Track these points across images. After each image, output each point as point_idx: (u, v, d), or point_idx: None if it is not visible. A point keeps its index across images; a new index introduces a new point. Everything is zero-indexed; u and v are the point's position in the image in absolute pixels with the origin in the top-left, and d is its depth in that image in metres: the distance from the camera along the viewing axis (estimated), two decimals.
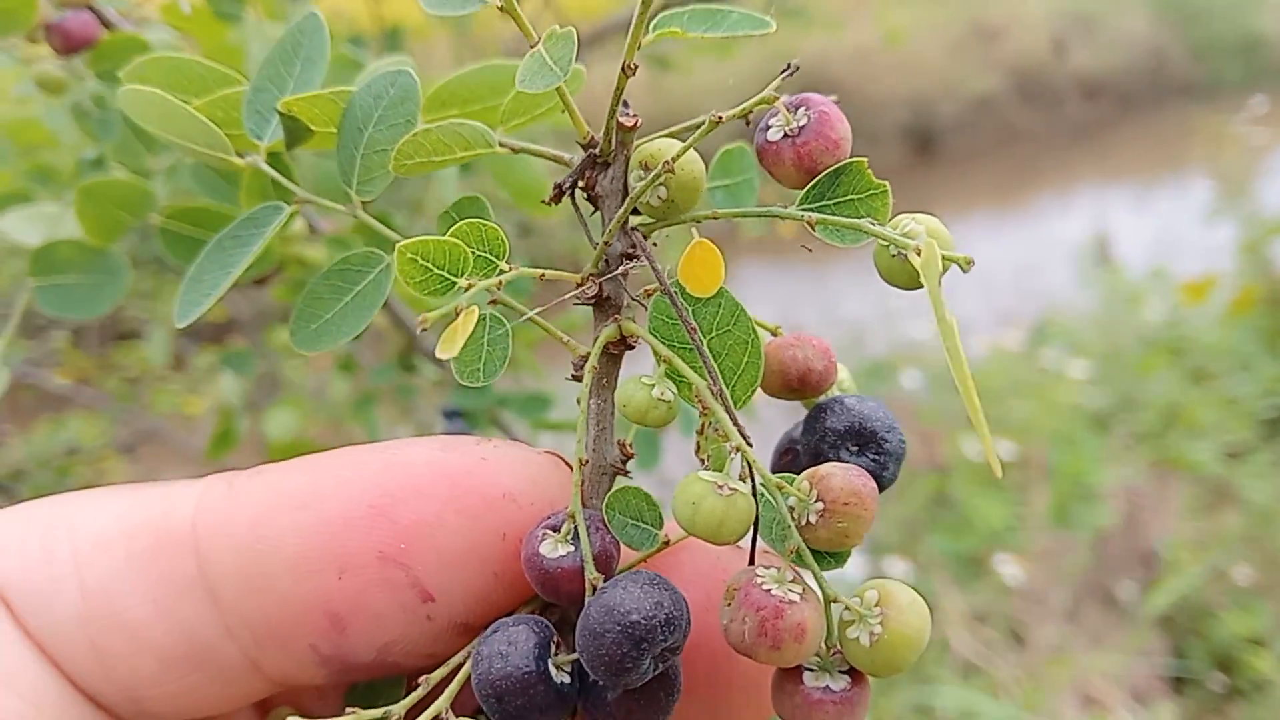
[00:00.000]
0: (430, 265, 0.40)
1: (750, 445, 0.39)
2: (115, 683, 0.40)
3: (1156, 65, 8.26)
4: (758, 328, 0.41)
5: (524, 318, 0.43)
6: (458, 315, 0.40)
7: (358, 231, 0.84)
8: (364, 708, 0.40)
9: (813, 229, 0.39)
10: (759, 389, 0.41)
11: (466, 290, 0.41)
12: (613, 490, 0.42)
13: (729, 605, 0.37)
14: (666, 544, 0.42)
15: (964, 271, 0.36)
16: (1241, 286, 4.30)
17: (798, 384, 0.43)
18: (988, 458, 0.33)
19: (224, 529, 0.40)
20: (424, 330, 0.39)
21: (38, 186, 1.11)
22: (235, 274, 0.50)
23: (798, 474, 0.39)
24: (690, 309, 0.41)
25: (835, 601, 0.38)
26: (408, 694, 0.41)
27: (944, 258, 0.36)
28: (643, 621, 0.36)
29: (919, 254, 0.36)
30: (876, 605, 0.37)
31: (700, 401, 0.40)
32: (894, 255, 0.38)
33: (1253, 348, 3.90)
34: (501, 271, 0.42)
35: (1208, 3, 8.84)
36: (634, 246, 0.43)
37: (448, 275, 0.40)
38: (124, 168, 0.81)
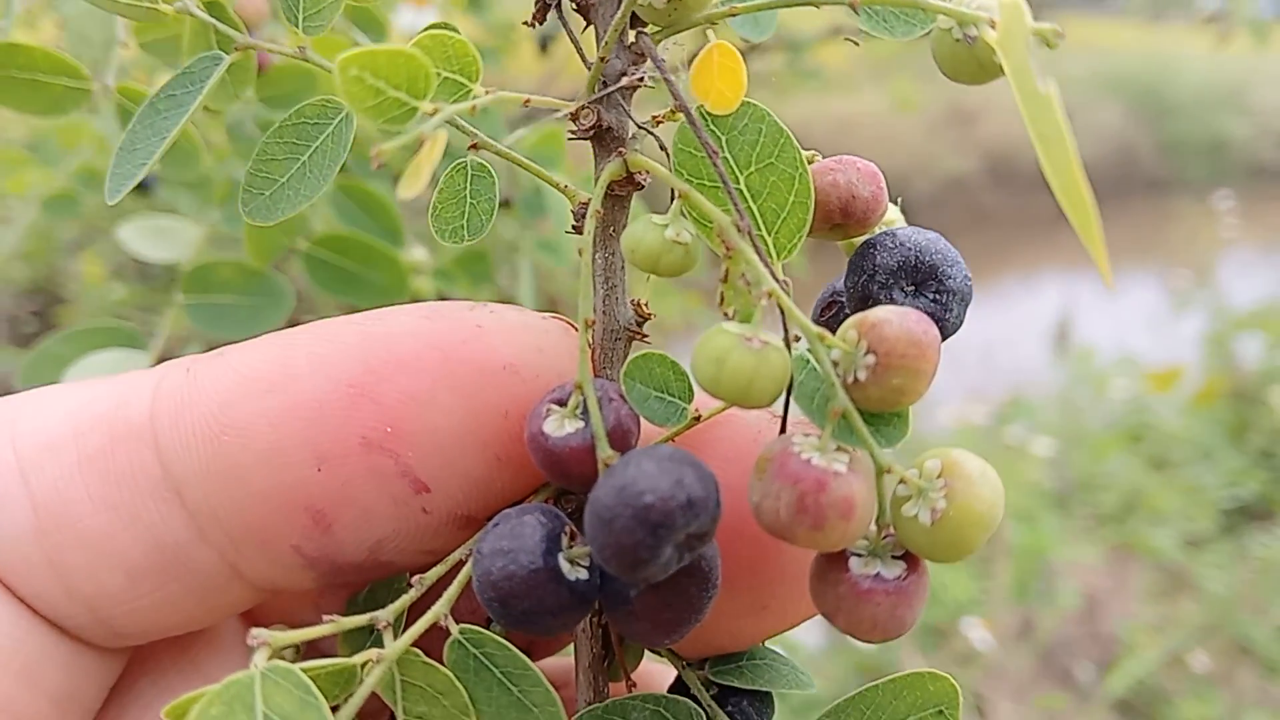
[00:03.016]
0: (383, 85, 0.32)
1: (787, 290, 0.32)
2: (80, 602, 0.35)
3: (1126, 159, 8.46)
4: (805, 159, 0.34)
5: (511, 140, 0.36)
6: (421, 146, 0.33)
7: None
8: None
9: (856, 11, 0.33)
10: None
11: (432, 116, 0.33)
12: (632, 356, 0.35)
13: (760, 479, 0.30)
14: (697, 419, 0.35)
15: (1051, 47, 0.29)
16: (1206, 379, 4.32)
17: (839, 216, 0.35)
18: (1098, 265, 0.26)
19: (185, 420, 0.35)
20: (379, 167, 0.32)
21: (83, 189, 1.16)
22: (170, 137, 0.44)
23: None
24: (724, 139, 0.34)
25: (889, 472, 0.30)
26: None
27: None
28: (658, 504, 0.29)
29: (994, 27, 0.29)
30: (939, 476, 0.30)
31: (724, 241, 0.32)
32: (958, 39, 0.31)
33: (1215, 439, 3.91)
34: (475, 95, 0.35)
35: (1178, 102, 9.12)
36: (637, 60, 0.36)
37: (407, 99, 0.32)
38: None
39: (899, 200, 0.38)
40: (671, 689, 0.41)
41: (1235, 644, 3.10)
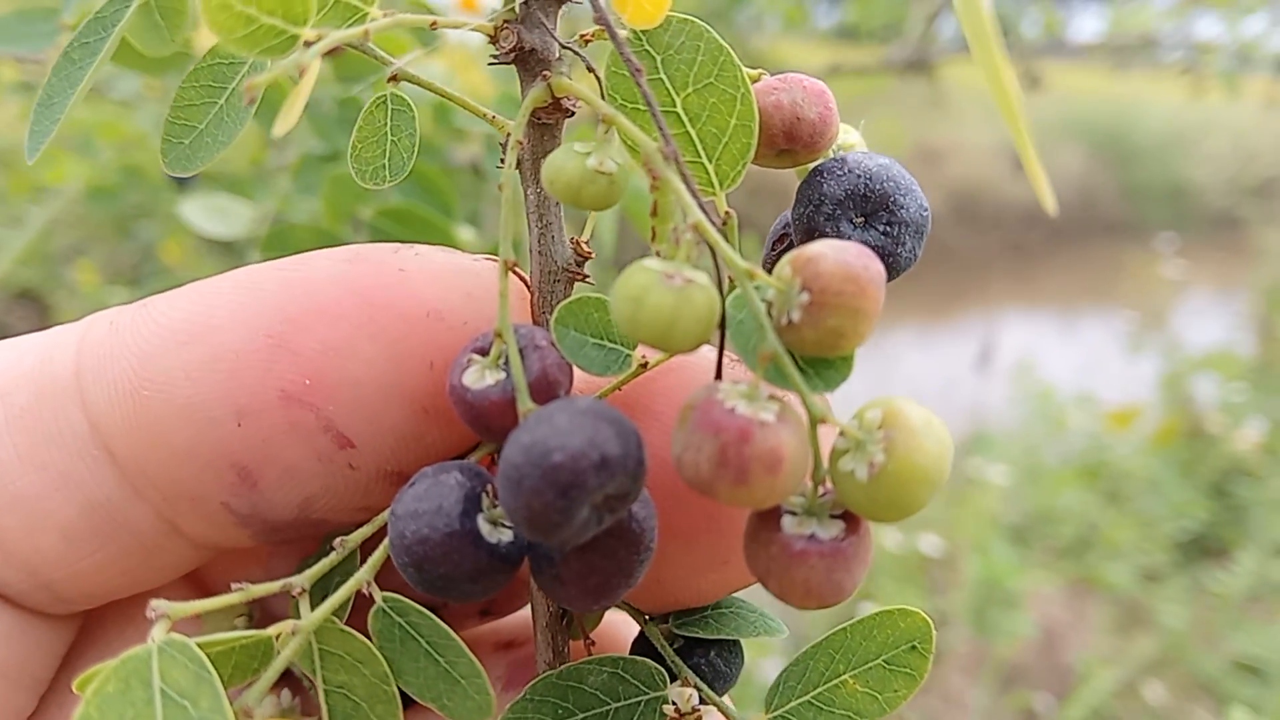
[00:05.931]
0: (254, 11, 0.28)
1: (721, 225, 0.29)
2: (19, 567, 0.34)
3: (1087, 202, 8.60)
4: (747, 78, 0.31)
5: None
6: (300, 76, 0.29)
7: None
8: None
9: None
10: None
11: (315, 44, 0.29)
12: (565, 301, 0.32)
13: (682, 429, 0.27)
14: (644, 367, 0.33)
15: None
16: (1163, 419, 4.37)
17: (784, 140, 0.33)
18: (1034, 184, 0.24)
19: (108, 374, 0.33)
20: (251, 104, 0.29)
21: (125, 182, 1.23)
22: (83, 86, 0.41)
23: None
24: (659, 58, 0.31)
25: (824, 423, 0.27)
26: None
27: None
28: (568, 463, 0.26)
29: None
30: (879, 428, 0.27)
31: (650, 170, 0.29)
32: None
33: (1169, 475, 3.95)
34: (369, 18, 0.32)
35: (1140, 148, 9.30)
36: None
37: (283, 25, 0.29)
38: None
39: (860, 123, 0.36)
40: (634, 645, 0.39)
41: (1190, 677, 3.12)
